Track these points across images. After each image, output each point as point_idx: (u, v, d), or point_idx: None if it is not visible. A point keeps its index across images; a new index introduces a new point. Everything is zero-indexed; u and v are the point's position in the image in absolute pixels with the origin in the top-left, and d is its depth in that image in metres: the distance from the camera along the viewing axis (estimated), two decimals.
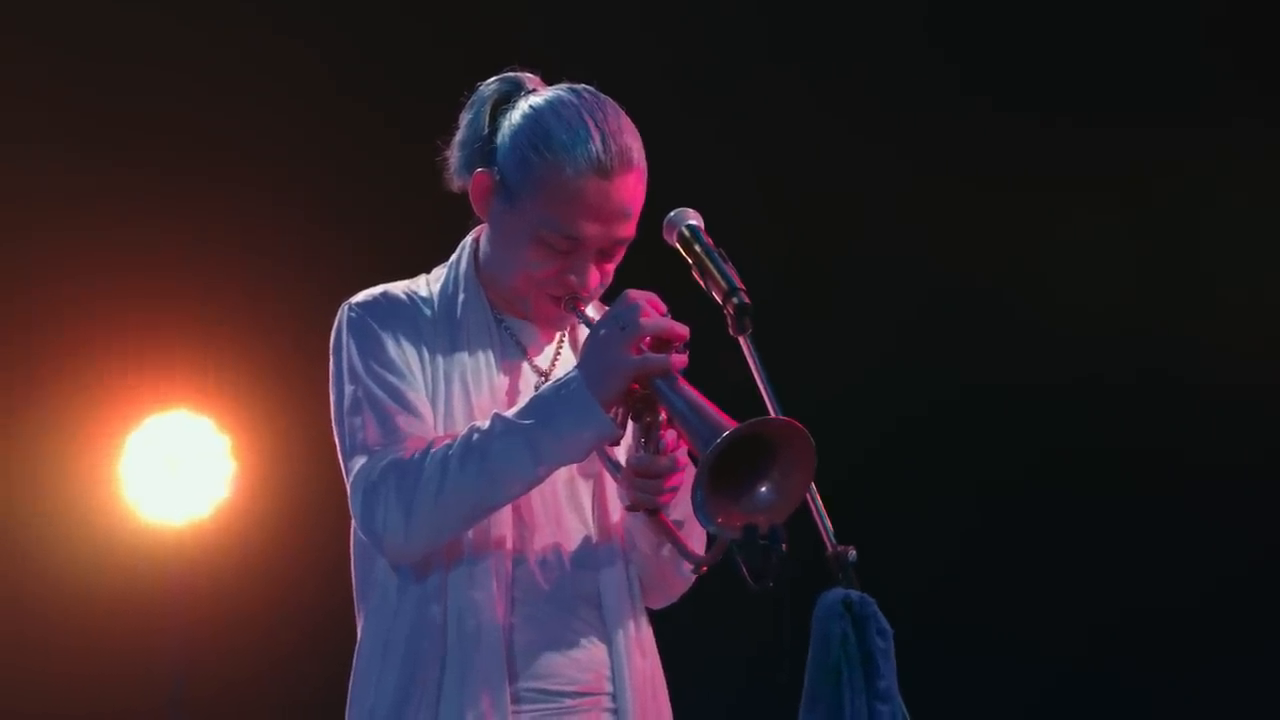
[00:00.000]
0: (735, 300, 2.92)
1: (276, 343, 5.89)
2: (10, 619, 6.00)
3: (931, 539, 6.02)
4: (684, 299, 3.06)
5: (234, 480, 6.20)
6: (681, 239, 3.06)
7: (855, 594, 2.65)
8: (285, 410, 5.95)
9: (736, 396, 2.92)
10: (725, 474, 2.81)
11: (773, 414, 2.81)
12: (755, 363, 2.87)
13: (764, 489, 2.83)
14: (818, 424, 2.82)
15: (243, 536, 6.15)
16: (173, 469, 6.12)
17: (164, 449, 6.14)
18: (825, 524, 2.74)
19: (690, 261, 3.04)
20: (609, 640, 3.15)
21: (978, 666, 6.00)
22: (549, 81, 3.22)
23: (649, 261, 3.23)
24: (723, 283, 2.96)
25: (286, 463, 6.06)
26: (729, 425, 2.81)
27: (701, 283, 3.01)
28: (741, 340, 2.90)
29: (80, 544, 6.05)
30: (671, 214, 3.09)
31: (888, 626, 2.65)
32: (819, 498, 2.77)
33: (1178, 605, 5.96)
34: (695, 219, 3.08)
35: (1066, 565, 6.05)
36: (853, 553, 2.69)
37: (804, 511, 2.77)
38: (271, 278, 5.95)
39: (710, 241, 3.04)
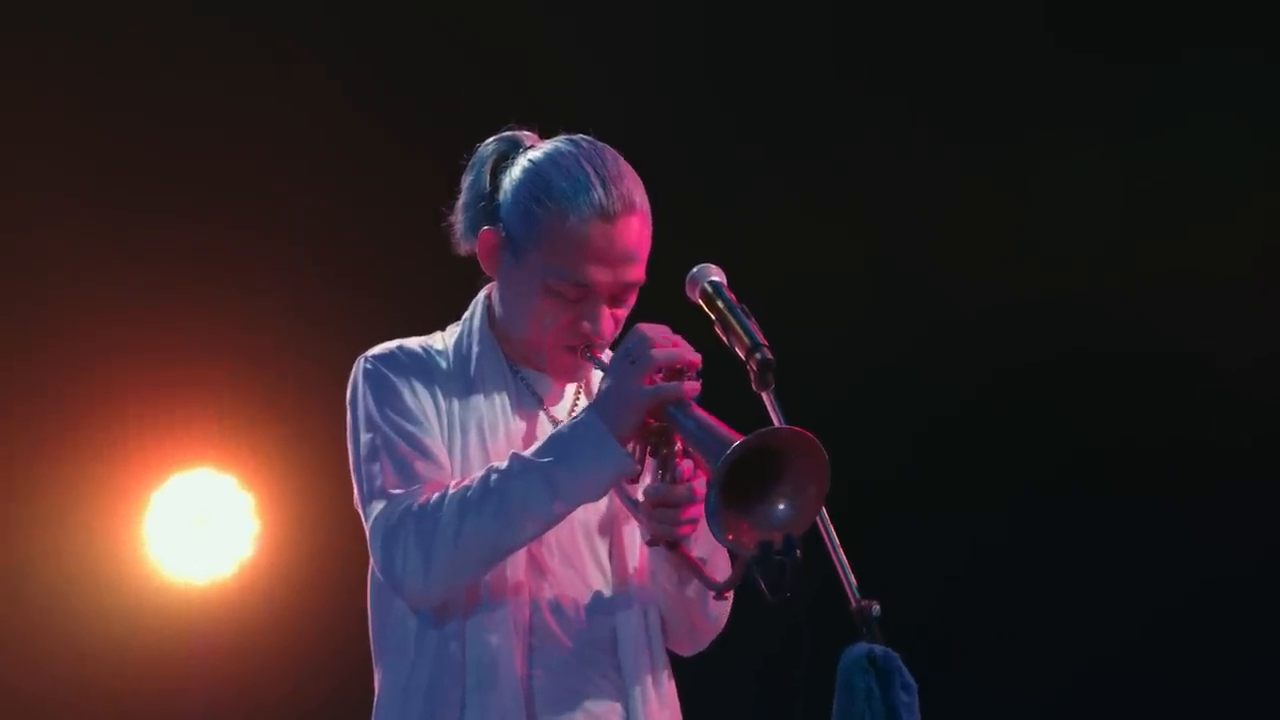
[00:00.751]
0: (758, 356, 2.94)
1: (300, 401, 5.91)
2: (33, 677, 6.02)
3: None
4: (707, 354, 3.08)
5: (258, 539, 6.22)
6: (704, 295, 3.10)
7: (879, 649, 2.67)
8: (309, 468, 5.96)
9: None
10: (738, 489, 2.84)
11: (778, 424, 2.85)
12: (778, 418, 2.89)
13: (780, 506, 2.87)
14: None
15: (266, 595, 6.17)
16: (197, 527, 6.15)
17: (188, 507, 6.17)
18: (849, 578, 2.77)
19: (713, 317, 3.07)
20: (626, 693, 3.17)
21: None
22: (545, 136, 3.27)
23: (671, 316, 3.27)
24: (745, 339, 2.98)
25: (310, 521, 6.07)
26: (740, 439, 2.84)
27: (724, 339, 3.04)
28: (764, 396, 2.92)
29: (104, 603, 6.06)
30: (694, 270, 3.13)
31: (912, 681, 2.67)
32: (843, 552, 2.79)
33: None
34: (718, 275, 3.12)
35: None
36: (876, 607, 2.72)
37: (828, 564, 2.78)
38: (297, 336, 5.98)
39: (733, 297, 3.07)
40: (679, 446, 3.02)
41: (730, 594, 3.13)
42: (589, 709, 3.16)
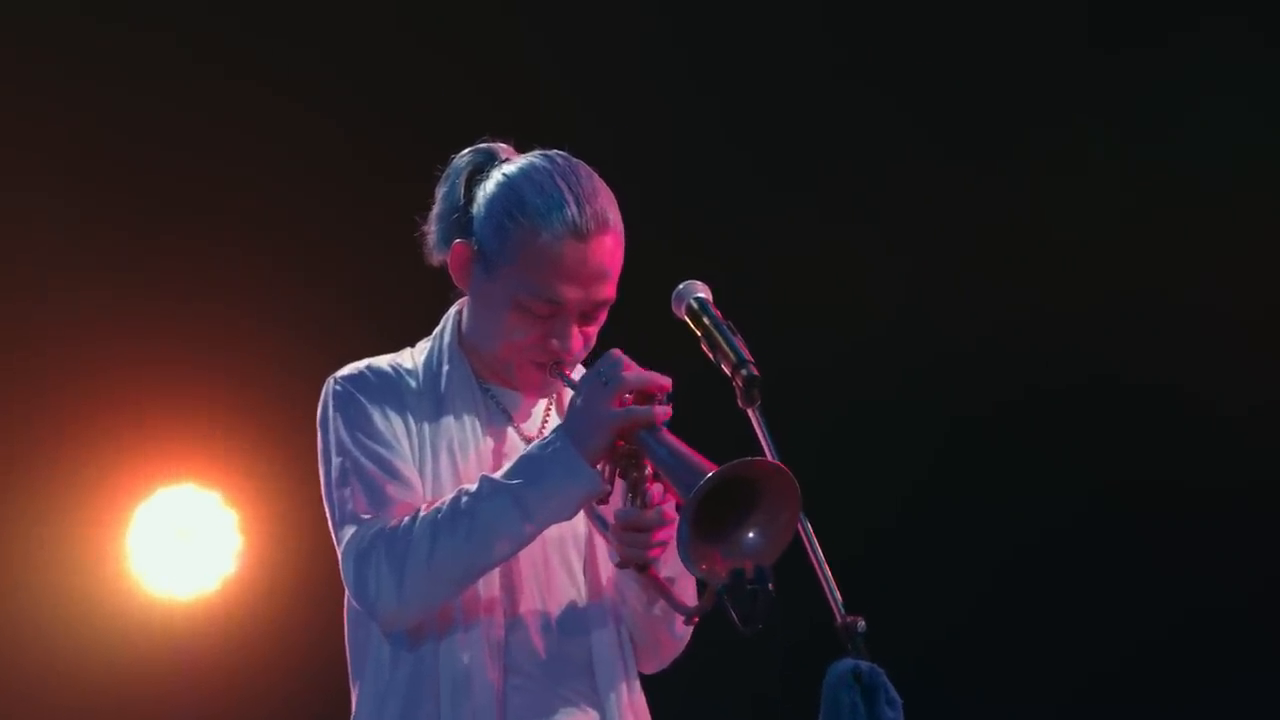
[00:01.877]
0: (744, 372, 2.99)
1: (286, 416, 5.85)
2: (10, 695, 6.03)
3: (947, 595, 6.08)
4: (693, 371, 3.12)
5: (241, 555, 6.23)
6: (690, 312, 3.14)
7: (865, 664, 2.71)
8: (294, 485, 5.94)
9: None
10: (710, 519, 2.87)
11: (757, 457, 2.88)
12: (764, 436, 2.93)
13: (750, 534, 2.90)
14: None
15: (250, 611, 6.15)
16: (181, 542, 6.17)
17: (172, 522, 6.18)
18: (834, 594, 2.80)
19: (699, 334, 3.11)
20: (602, 706, 3.20)
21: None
22: (521, 150, 3.30)
23: (656, 333, 3.32)
24: (731, 355, 3.03)
25: (294, 538, 6.06)
26: (712, 469, 2.87)
27: (710, 355, 3.08)
28: (750, 412, 2.96)
29: (85, 618, 6.04)
30: (680, 287, 3.18)
31: (897, 697, 2.71)
32: (828, 568, 2.82)
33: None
34: (704, 291, 3.16)
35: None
36: (861, 623, 2.76)
37: (811, 580, 2.82)
38: (282, 351, 5.97)
39: (719, 314, 3.12)
40: (649, 470, 3.05)
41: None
42: None
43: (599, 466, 3.06)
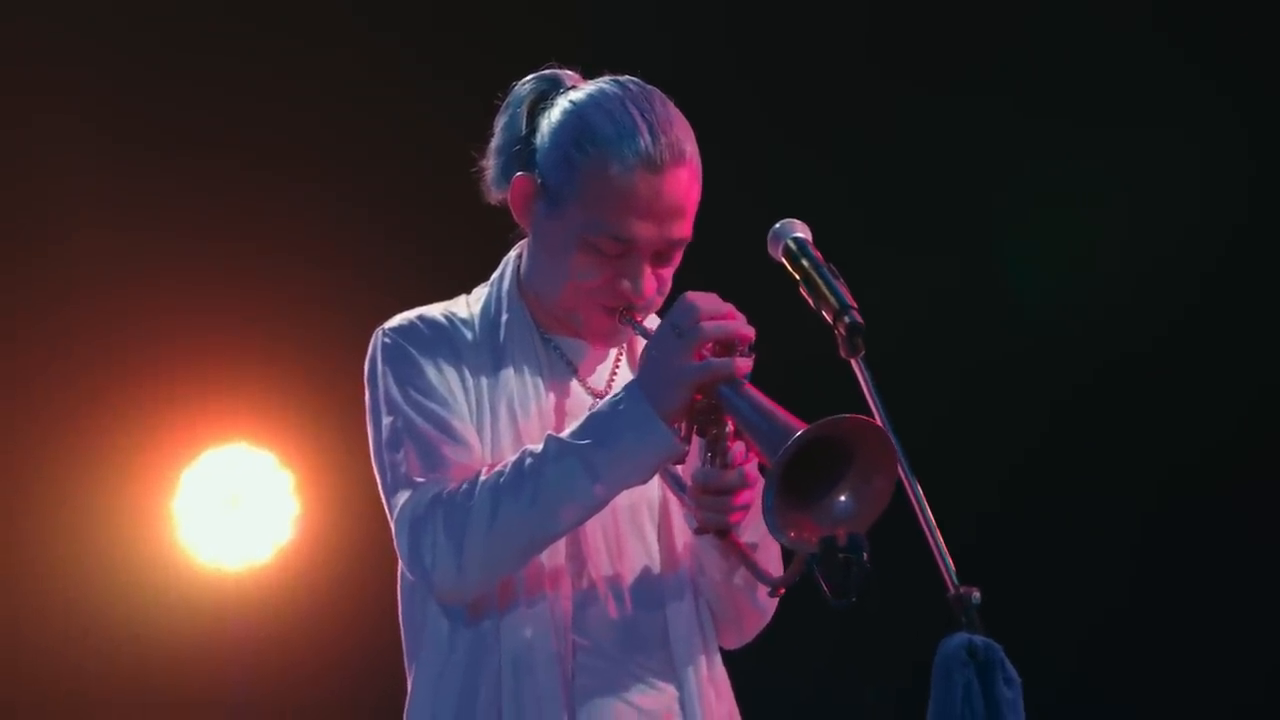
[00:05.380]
0: (847, 319, 2.93)
1: (343, 369, 5.86)
2: (56, 670, 6.06)
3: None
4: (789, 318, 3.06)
5: (298, 521, 6.24)
6: (788, 252, 3.09)
7: (980, 640, 2.66)
8: (354, 445, 5.87)
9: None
10: (798, 483, 2.84)
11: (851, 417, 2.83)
12: (869, 388, 2.88)
13: (842, 498, 2.87)
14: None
15: (306, 583, 6.18)
16: (232, 508, 6.18)
17: (222, 486, 6.20)
18: (946, 562, 2.76)
19: (797, 278, 3.07)
20: (680, 682, 3.18)
21: None
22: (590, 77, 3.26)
23: (752, 277, 3.25)
24: (834, 301, 2.97)
25: (355, 502, 6.02)
26: (800, 428, 2.83)
27: (810, 301, 3.03)
28: (854, 363, 2.91)
29: (131, 590, 6.08)
30: (776, 226, 3.12)
31: (1015, 675, 2.66)
32: (939, 533, 2.77)
33: None
34: (803, 231, 3.11)
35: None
36: (977, 594, 2.71)
37: (923, 547, 2.77)
38: (340, 298, 5.96)
39: (819, 256, 3.07)
40: (730, 428, 3.01)
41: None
42: (641, 706, 3.17)
43: (676, 424, 3.02)
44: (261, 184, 6.05)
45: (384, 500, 3.19)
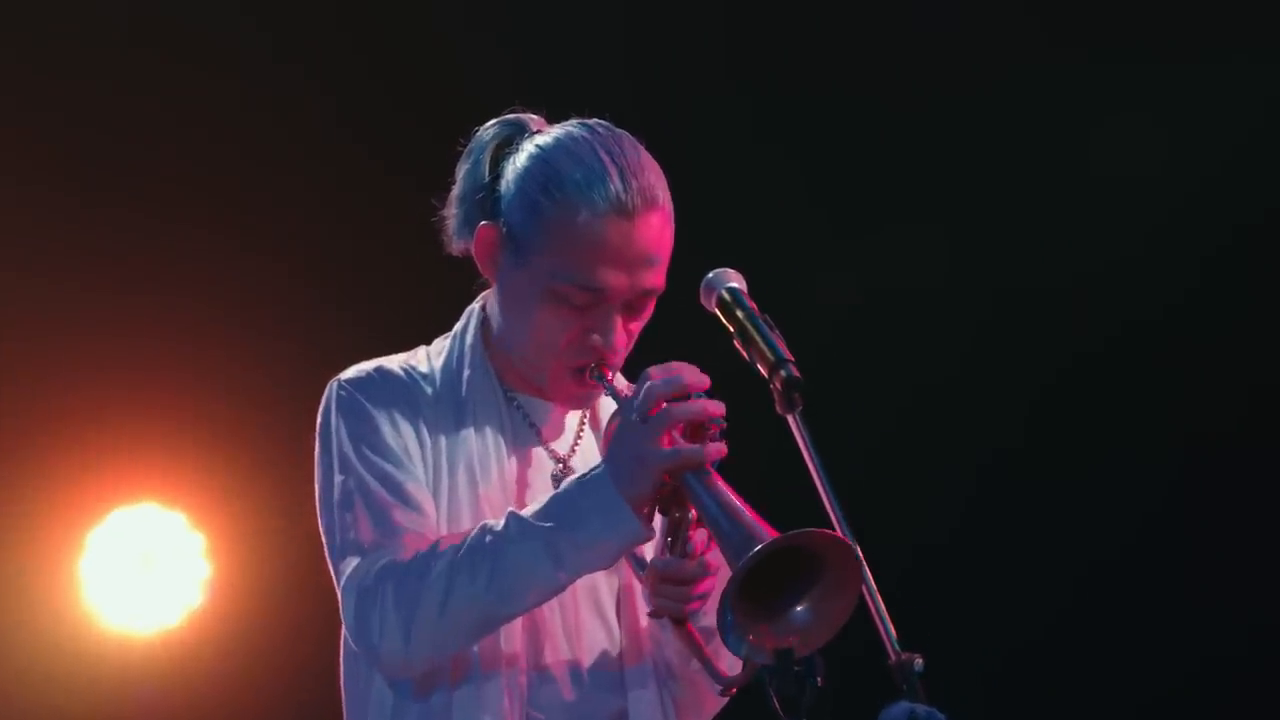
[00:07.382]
0: (783, 373, 2.92)
1: (261, 426, 5.89)
2: None
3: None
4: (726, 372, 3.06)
5: (210, 584, 6.20)
6: (721, 303, 3.07)
7: (922, 709, 2.66)
8: (268, 505, 5.94)
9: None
10: (758, 588, 2.79)
11: (819, 529, 2.78)
12: (806, 443, 2.86)
13: (800, 608, 2.83)
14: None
15: (220, 648, 6.14)
16: (141, 570, 6.13)
17: (131, 547, 6.15)
18: (888, 628, 2.74)
19: (731, 329, 3.04)
20: None
21: None
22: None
23: (684, 329, 3.24)
24: (769, 354, 2.96)
25: (269, 564, 6.05)
26: (766, 535, 2.79)
27: (744, 353, 3.00)
28: (790, 419, 2.88)
29: (35, 654, 6.03)
30: (710, 275, 3.10)
31: None
32: (880, 598, 2.76)
33: None
34: (737, 281, 3.09)
35: None
36: (919, 661, 2.70)
37: (863, 611, 2.76)
38: (254, 352, 5.96)
39: (754, 306, 3.04)
40: (694, 514, 2.97)
41: None
42: None
43: (642, 510, 2.97)
44: (171, 236, 6.01)
45: (329, 561, 3.13)
